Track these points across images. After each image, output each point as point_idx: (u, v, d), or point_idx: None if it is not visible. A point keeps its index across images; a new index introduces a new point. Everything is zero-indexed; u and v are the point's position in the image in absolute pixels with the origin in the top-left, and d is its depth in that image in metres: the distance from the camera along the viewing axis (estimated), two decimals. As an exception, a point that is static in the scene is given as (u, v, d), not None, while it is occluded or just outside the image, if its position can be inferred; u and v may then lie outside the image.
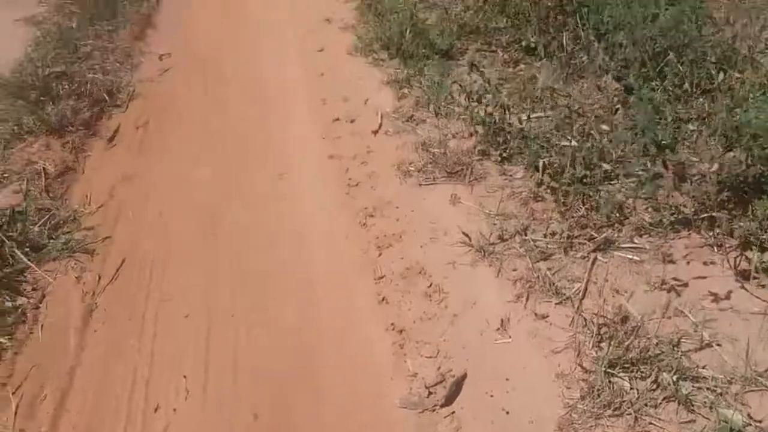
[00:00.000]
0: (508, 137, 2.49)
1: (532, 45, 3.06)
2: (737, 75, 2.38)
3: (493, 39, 3.34)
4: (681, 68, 2.47)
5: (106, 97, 3.02)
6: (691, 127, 2.37)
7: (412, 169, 2.45)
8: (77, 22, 3.89)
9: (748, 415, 1.45)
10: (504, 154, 2.44)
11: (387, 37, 3.45)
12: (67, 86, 3.06)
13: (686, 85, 2.47)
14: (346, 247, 2.09)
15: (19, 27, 4.01)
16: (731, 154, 2.05)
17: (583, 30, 2.96)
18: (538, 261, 1.94)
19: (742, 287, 1.78)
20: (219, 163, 2.61)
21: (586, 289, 1.83)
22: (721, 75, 2.34)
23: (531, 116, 2.59)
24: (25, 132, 2.71)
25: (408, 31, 3.43)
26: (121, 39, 3.71)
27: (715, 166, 1.97)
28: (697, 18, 2.60)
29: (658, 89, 2.50)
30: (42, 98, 2.95)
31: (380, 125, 2.79)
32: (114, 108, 2.99)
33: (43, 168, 2.47)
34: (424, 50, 3.32)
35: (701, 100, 2.44)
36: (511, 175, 2.36)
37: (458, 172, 2.40)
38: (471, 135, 2.62)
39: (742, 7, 2.85)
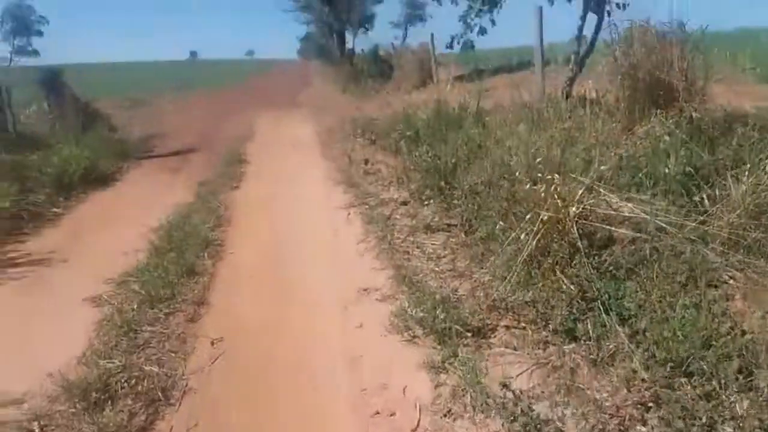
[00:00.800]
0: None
1: (559, 329, 3.25)
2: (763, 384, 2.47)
3: (521, 316, 3.55)
4: (706, 368, 2.58)
5: (161, 396, 3.21)
6: (727, 429, 2.41)
7: (454, 488, 2.49)
8: (138, 303, 4.26)
9: None
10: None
11: (421, 314, 3.69)
12: (125, 383, 3.29)
13: (714, 383, 2.56)
14: None
15: (85, 308, 4.41)
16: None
17: (606, 315, 3.16)
18: None
19: None
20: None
21: None
22: (746, 403, 2.43)
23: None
24: (85, 443, 2.87)
25: (440, 308, 3.68)
26: (176, 323, 4.03)
27: None
28: (714, 315, 2.77)
29: (687, 385, 2.59)
30: (102, 397, 3.16)
31: (419, 422, 2.88)
32: (167, 407, 3.16)
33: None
34: (457, 327, 3.53)
35: (732, 399, 2.50)
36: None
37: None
38: (510, 436, 2.68)
39: (760, 296, 3.03)
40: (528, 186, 3.96)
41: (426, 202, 5.86)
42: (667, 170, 4.24)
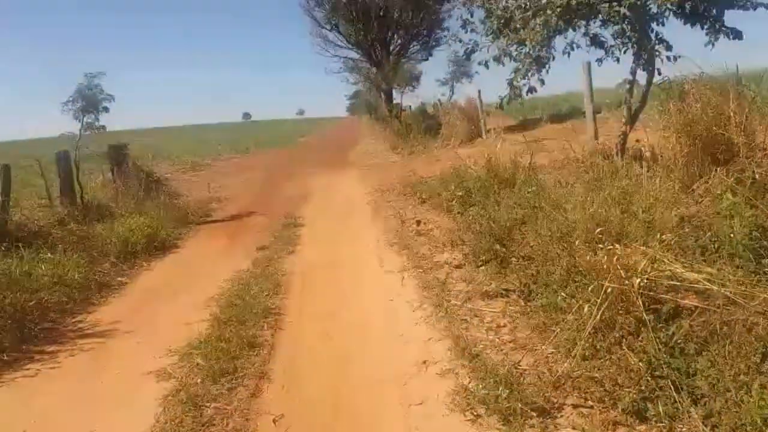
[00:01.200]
0: None
1: (628, 409, 3.13)
2: None
3: (588, 393, 3.44)
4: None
5: (227, 479, 3.25)
6: None
7: None
8: (202, 377, 4.34)
9: None
10: None
11: (483, 392, 3.62)
12: (192, 466, 3.35)
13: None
14: None
15: (149, 381, 4.51)
16: None
17: (677, 393, 3.03)
18: None
19: None
20: None
21: None
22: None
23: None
24: None
25: (502, 385, 3.61)
26: (239, 398, 4.08)
27: None
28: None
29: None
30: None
31: None
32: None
33: None
34: (521, 406, 3.44)
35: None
36: None
37: None
38: None
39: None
40: (588, 257, 3.89)
41: (481, 266, 5.82)
42: (732, 234, 4.10)
